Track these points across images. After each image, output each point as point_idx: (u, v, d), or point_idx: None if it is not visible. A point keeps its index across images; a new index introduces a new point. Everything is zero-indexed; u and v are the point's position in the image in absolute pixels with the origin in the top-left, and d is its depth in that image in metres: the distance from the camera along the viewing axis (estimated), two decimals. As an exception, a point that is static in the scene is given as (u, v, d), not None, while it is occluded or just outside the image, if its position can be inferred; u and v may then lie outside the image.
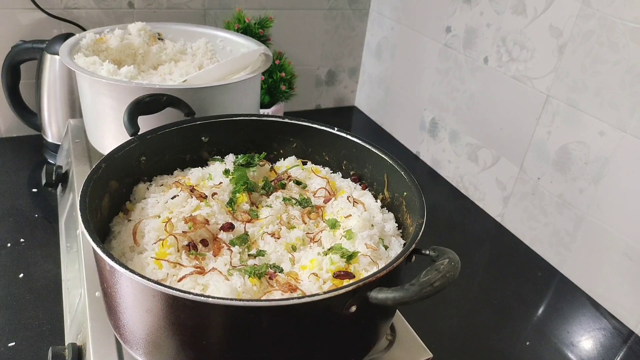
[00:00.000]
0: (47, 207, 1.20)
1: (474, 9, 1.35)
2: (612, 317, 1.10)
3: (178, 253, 0.64)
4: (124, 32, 1.12)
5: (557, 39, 1.14)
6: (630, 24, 0.99)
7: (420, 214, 0.67)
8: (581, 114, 1.11)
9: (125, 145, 0.75)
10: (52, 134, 1.35)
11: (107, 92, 0.92)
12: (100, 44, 1.08)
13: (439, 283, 0.52)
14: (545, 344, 1.01)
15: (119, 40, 1.09)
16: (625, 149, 1.04)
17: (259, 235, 0.70)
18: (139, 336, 0.59)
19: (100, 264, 0.59)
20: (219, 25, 1.54)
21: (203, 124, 0.83)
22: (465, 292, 1.13)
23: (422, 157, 1.64)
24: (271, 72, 1.47)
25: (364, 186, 0.84)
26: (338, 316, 0.56)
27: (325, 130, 0.85)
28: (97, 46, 1.08)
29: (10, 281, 0.98)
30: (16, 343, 0.86)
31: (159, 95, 0.84)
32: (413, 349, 0.72)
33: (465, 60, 1.40)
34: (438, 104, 1.53)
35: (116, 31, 1.11)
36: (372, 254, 0.67)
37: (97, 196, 0.67)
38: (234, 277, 0.60)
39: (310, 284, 0.62)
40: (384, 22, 1.71)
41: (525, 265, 1.23)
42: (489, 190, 1.39)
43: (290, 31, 1.68)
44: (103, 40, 1.09)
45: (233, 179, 0.78)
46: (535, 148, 1.23)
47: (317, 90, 1.86)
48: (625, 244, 1.06)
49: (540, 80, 1.19)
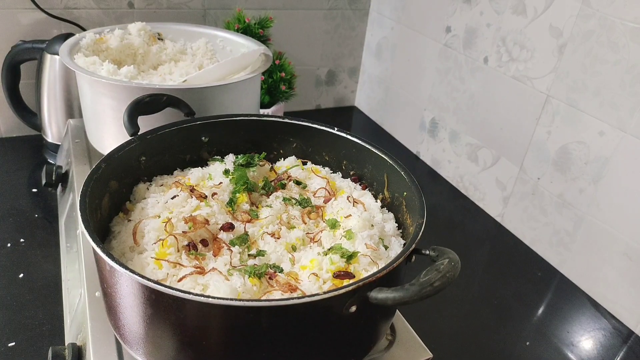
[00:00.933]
0: (47, 207, 1.20)
1: (474, 9, 1.35)
2: (612, 317, 1.10)
3: (178, 253, 0.64)
4: (124, 32, 1.12)
5: (557, 39, 1.14)
6: (630, 24, 0.99)
7: (420, 214, 0.67)
8: (581, 114, 1.11)
9: (125, 145, 0.75)
10: (52, 134, 1.35)
11: (107, 92, 0.92)
12: (100, 44, 1.08)
13: (439, 283, 0.52)
14: (545, 344, 1.01)
15: (119, 40, 1.09)
16: (625, 149, 1.04)
17: (259, 235, 0.70)
18: (139, 336, 0.59)
19: (100, 264, 0.59)
20: (219, 25, 1.54)
21: (203, 124, 0.83)
22: (465, 292, 1.13)
23: (422, 157, 1.64)
24: (271, 72, 1.47)
25: (364, 186, 0.84)
26: (338, 316, 0.56)
27: (325, 130, 0.85)
28: (97, 46, 1.08)
29: (10, 281, 0.98)
30: (16, 343, 0.86)
31: (159, 95, 0.84)
32: (413, 349, 0.72)
33: (465, 60, 1.40)
34: (438, 104, 1.53)
35: (116, 31, 1.11)
36: (372, 254, 0.67)
37: (97, 196, 0.67)
38: (234, 277, 0.60)
39: (310, 284, 0.62)
40: (384, 22, 1.71)
41: (525, 265, 1.23)
42: (489, 190, 1.39)
43: (290, 31, 1.68)
44: (103, 40, 1.09)
45: (233, 179, 0.78)
46: (535, 148, 1.23)
47: (317, 90, 1.86)
48: (625, 244, 1.06)
49: (540, 80, 1.19)
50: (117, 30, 1.11)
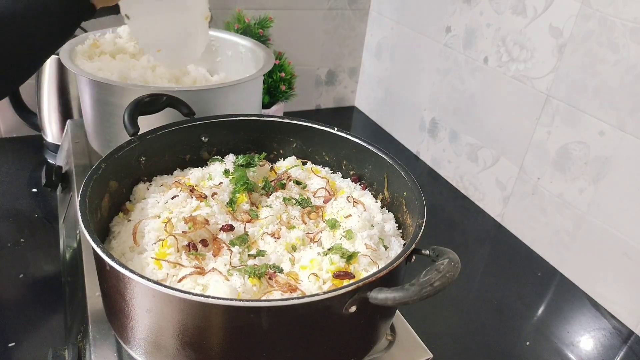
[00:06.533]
0: (47, 207, 1.19)
1: (473, 9, 1.35)
2: (612, 317, 1.10)
3: (178, 253, 0.64)
4: (114, 36, 1.11)
5: (557, 39, 1.14)
6: (630, 24, 0.99)
7: (420, 214, 0.67)
8: (581, 114, 1.11)
9: (125, 145, 0.75)
10: (52, 134, 1.35)
11: (107, 93, 0.92)
12: (94, 49, 1.08)
13: (439, 283, 0.52)
14: (545, 344, 1.01)
15: (112, 44, 1.09)
16: (625, 149, 1.04)
17: (259, 236, 0.70)
18: (139, 336, 0.59)
19: (100, 264, 0.59)
20: (219, 26, 1.54)
21: (203, 124, 0.83)
22: (465, 292, 1.13)
23: (422, 157, 1.64)
24: (271, 72, 1.47)
25: (363, 186, 0.84)
26: (338, 316, 0.56)
27: (325, 130, 0.85)
28: (92, 50, 1.07)
29: (10, 281, 0.98)
30: (16, 343, 0.86)
31: (159, 95, 0.84)
32: (413, 349, 0.72)
33: (465, 60, 1.40)
34: (438, 104, 1.53)
35: (107, 35, 1.11)
36: (372, 254, 0.67)
37: (97, 196, 0.67)
38: (234, 277, 0.60)
39: (310, 284, 0.62)
40: (384, 22, 1.71)
41: (525, 265, 1.23)
42: (489, 190, 1.39)
43: (290, 31, 1.68)
44: (97, 45, 1.08)
45: (233, 179, 0.78)
46: (535, 148, 1.23)
47: (317, 90, 1.86)
48: (625, 244, 1.06)
49: (540, 80, 1.19)
50: (108, 34, 1.11)
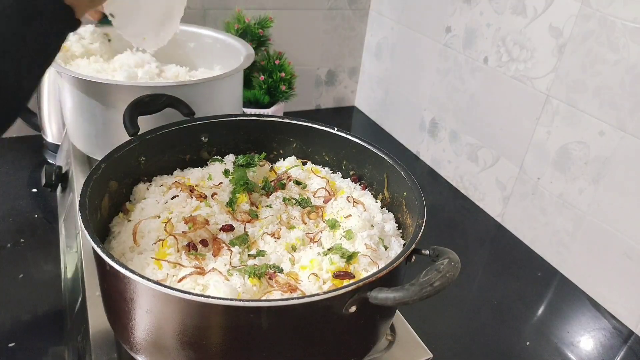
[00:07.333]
0: (47, 207, 1.19)
1: (473, 9, 1.35)
2: (612, 317, 1.10)
3: (178, 253, 0.64)
4: (78, 38, 1.09)
5: (557, 39, 1.14)
6: (630, 24, 0.99)
7: (420, 214, 0.67)
8: (581, 114, 1.11)
9: (125, 145, 0.75)
10: (52, 134, 1.35)
11: (96, 93, 0.90)
12: (65, 52, 1.06)
13: (439, 283, 0.52)
14: (545, 344, 1.01)
15: (79, 46, 1.07)
16: (625, 149, 1.04)
17: (259, 236, 0.70)
18: (139, 336, 0.59)
19: (100, 264, 0.59)
20: (219, 26, 1.54)
21: (203, 124, 0.83)
22: (465, 292, 1.13)
23: (422, 157, 1.64)
24: (271, 72, 1.47)
25: (363, 186, 0.84)
26: (338, 316, 0.56)
27: (325, 130, 0.85)
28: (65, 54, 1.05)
29: (10, 281, 0.98)
30: (16, 343, 0.86)
31: (159, 95, 0.84)
32: (413, 349, 0.72)
33: (465, 60, 1.40)
34: (438, 104, 1.53)
35: (71, 37, 1.07)
36: (372, 254, 0.67)
37: (97, 196, 0.67)
38: (234, 277, 0.60)
39: (310, 284, 0.62)
40: (384, 22, 1.71)
41: (525, 265, 1.23)
42: (488, 190, 1.39)
43: (290, 31, 1.68)
44: (66, 47, 1.06)
45: (233, 179, 0.78)
46: (535, 148, 1.23)
47: (317, 90, 1.86)
48: (625, 244, 1.06)
49: (540, 80, 1.19)
50: (72, 35, 1.07)
